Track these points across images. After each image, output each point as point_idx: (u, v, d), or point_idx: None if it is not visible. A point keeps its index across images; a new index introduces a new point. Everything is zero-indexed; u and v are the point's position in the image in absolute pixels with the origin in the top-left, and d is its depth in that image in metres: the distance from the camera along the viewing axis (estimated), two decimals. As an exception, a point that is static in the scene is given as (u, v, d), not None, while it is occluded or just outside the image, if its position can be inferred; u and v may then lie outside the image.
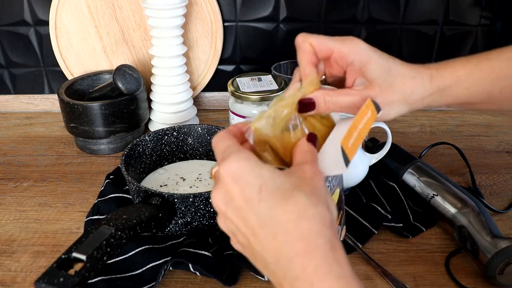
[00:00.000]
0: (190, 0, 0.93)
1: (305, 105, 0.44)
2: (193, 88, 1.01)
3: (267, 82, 0.81)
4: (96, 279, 0.56)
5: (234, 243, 0.41)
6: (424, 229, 0.66)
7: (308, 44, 0.47)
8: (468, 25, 0.98)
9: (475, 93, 0.51)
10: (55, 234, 0.67)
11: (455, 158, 0.83)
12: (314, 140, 0.42)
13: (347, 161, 0.40)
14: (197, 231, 0.63)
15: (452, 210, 0.63)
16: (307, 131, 0.44)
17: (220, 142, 0.40)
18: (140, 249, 0.60)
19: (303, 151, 0.41)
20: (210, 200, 0.60)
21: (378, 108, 0.46)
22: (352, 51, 0.47)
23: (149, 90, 0.94)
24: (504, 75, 0.50)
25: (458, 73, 0.50)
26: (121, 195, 0.70)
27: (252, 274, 0.59)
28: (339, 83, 0.51)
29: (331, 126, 0.47)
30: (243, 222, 0.37)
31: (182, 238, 0.63)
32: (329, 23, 0.97)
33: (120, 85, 0.81)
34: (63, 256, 0.45)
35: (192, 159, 0.79)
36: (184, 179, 0.74)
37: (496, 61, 0.51)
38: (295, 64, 0.86)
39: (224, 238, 0.62)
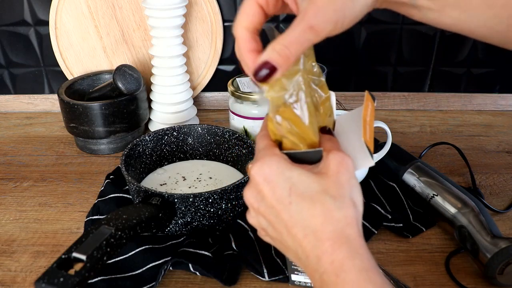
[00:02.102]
0: (190, 0, 0.93)
1: (263, 73, 0.38)
2: (193, 88, 1.01)
3: (267, 82, 0.81)
4: (96, 279, 0.56)
5: (263, 236, 0.44)
6: (424, 229, 0.66)
7: (242, 29, 0.41)
8: (468, 25, 0.97)
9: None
10: (55, 234, 0.67)
11: (455, 158, 0.83)
12: (330, 132, 0.44)
13: (372, 154, 0.42)
14: (197, 231, 0.63)
15: (452, 210, 0.63)
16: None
17: (260, 140, 0.44)
18: (140, 249, 0.60)
19: (327, 139, 0.43)
20: (210, 200, 0.60)
21: (373, 98, 0.46)
22: None
23: (149, 90, 0.94)
24: None
25: None
26: (121, 195, 0.70)
27: (252, 274, 0.59)
28: None
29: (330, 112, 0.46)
30: (276, 219, 0.40)
31: (182, 238, 0.63)
32: (329, 23, 0.97)
33: (120, 85, 0.81)
34: (63, 256, 0.45)
35: (192, 159, 0.79)
36: (184, 178, 0.74)
37: None
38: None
39: (224, 238, 0.63)
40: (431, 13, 0.42)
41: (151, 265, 0.58)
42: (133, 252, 0.59)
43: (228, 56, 1.00)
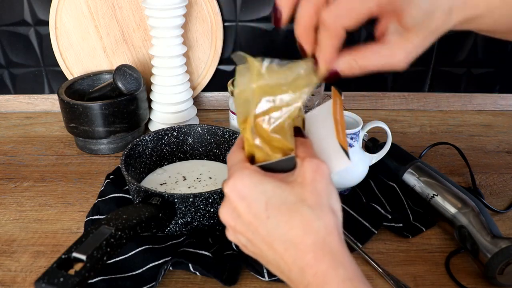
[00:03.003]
0: (190, 0, 0.93)
1: (329, 76, 0.39)
2: (193, 88, 1.01)
3: (267, 82, 0.81)
4: (96, 279, 0.56)
5: (245, 251, 0.43)
6: (424, 229, 0.66)
7: (340, 29, 0.36)
8: (468, 25, 0.97)
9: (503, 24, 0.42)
10: (55, 234, 0.67)
11: (455, 158, 0.83)
12: (301, 133, 0.43)
13: (347, 154, 0.41)
14: (197, 231, 0.63)
15: (452, 210, 0.63)
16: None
17: (230, 157, 0.43)
18: (140, 249, 0.60)
19: (300, 143, 0.42)
20: (210, 200, 0.60)
21: (340, 92, 0.45)
22: None
23: (149, 90, 0.94)
24: None
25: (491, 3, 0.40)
26: (121, 195, 0.70)
27: (252, 274, 0.59)
28: None
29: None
30: (254, 236, 0.39)
31: (182, 238, 0.63)
32: (329, 23, 0.97)
33: (120, 85, 0.81)
34: (63, 256, 0.45)
35: (192, 159, 0.79)
36: (185, 178, 0.74)
37: None
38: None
39: (224, 238, 0.63)
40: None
41: (151, 265, 0.58)
42: (133, 252, 0.59)
43: (228, 56, 1.00)
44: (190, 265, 0.58)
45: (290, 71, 0.40)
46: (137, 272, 0.58)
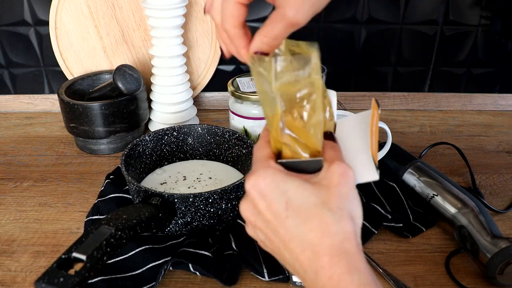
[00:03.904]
0: (190, 0, 0.93)
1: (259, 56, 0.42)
2: (193, 88, 1.01)
3: (267, 82, 0.81)
4: (96, 279, 0.56)
5: (263, 247, 0.43)
6: (424, 229, 0.66)
7: (233, 28, 0.43)
8: (468, 25, 0.98)
9: None
10: (55, 234, 0.67)
11: (455, 158, 0.83)
12: (332, 137, 0.43)
13: (377, 168, 0.41)
14: (197, 231, 0.63)
15: (452, 210, 0.63)
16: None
17: (256, 151, 0.43)
18: (140, 249, 0.60)
19: (329, 147, 0.42)
20: (210, 200, 0.60)
21: (379, 105, 0.46)
22: None
23: (149, 90, 0.94)
24: None
25: None
26: (121, 195, 0.70)
27: (252, 274, 0.59)
28: None
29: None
30: (273, 234, 0.40)
31: (182, 238, 0.63)
32: (329, 23, 0.97)
33: (120, 85, 0.81)
34: (63, 256, 0.45)
35: (192, 159, 0.79)
36: (185, 178, 0.74)
37: None
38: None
39: (224, 238, 0.63)
40: None
41: (151, 265, 0.58)
42: (133, 252, 0.59)
43: (228, 56, 1.00)
44: (190, 265, 0.58)
45: (298, 63, 0.40)
46: (137, 272, 0.58)
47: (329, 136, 0.43)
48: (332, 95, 0.45)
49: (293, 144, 0.41)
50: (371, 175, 0.41)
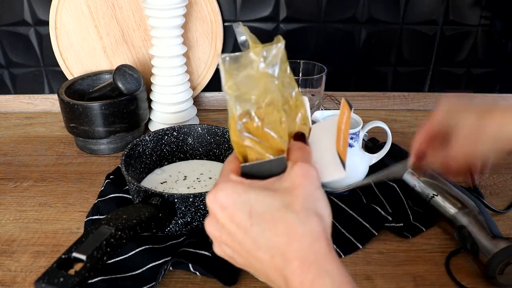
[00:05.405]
0: (190, 0, 0.93)
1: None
2: (193, 88, 1.01)
3: (267, 82, 0.81)
4: (96, 279, 0.56)
5: (234, 263, 0.42)
6: (424, 229, 0.66)
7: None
8: (468, 25, 0.98)
9: None
10: (55, 234, 0.67)
11: (455, 158, 0.83)
12: (303, 139, 0.43)
13: (343, 164, 0.40)
14: (197, 231, 0.63)
15: (452, 210, 0.63)
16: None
17: (224, 165, 0.43)
18: (140, 249, 0.60)
19: (296, 148, 0.41)
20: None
21: (351, 106, 0.45)
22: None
23: (149, 90, 0.94)
24: None
25: None
26: (121, 195, 0.70)
27: (252, 274, 0.58)
28: None
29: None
30: (239, 246, 0.39)
31: (182, 238, 0.63)
32: (329, 23, 0.97)
33: (120, 85, 0.81)
34: (63, 256, 0.45)
35: (192, 159, 0.79)
36: (185, 177, 0.74)
37: None
38: (294, 64, 0.87)
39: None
40: None
41: (151, 265, 0.58)
42: (133, 252, 0.59)
43: (228, 56, 1.00)
44: (190, 265, 0.58)
45: (248, 60, 0.40)
46: (137, 272, 0.58)
47: (300, 137, 0.42)
48: (305, 101, 0.45)
49: (255, 146, 0.41)
50: (338, 172, 0.41)
